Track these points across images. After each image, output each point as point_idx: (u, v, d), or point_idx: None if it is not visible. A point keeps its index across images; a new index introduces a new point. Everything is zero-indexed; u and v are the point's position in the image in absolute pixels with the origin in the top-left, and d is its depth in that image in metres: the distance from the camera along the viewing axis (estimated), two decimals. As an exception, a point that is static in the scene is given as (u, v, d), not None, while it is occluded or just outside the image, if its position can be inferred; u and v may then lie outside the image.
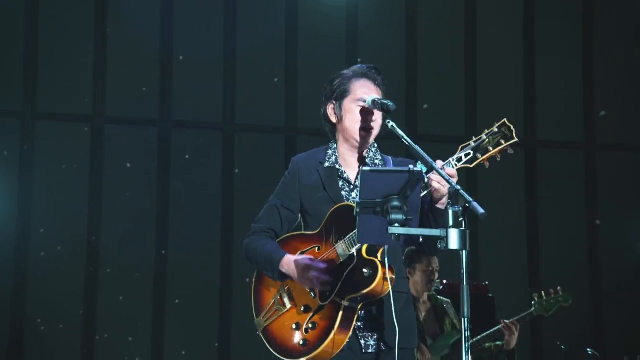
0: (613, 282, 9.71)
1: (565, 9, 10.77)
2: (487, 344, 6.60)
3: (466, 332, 3.66)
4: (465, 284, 3.67)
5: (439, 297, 6.83)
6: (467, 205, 3.68)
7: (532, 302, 6.94)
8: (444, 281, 7.15)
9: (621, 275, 10.18)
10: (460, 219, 3.67)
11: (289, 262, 4.36)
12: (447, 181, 3.88)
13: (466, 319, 3.66)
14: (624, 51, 10.73)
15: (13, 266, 9.04)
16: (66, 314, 9.39)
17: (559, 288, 6.89)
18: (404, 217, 3.75)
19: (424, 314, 6.61)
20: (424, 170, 4.02)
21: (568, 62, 10.61)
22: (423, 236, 4.01)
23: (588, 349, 6.90)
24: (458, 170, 4.13)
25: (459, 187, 3.77)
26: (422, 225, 4.11)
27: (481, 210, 3.64)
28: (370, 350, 4.37)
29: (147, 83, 9.90)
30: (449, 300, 6.93)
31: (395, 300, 4.25)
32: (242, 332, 9.62)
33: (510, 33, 10.67)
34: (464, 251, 3.67)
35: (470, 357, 3.89)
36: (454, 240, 3.67)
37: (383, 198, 3.81)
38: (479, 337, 6.58)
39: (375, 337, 4.38)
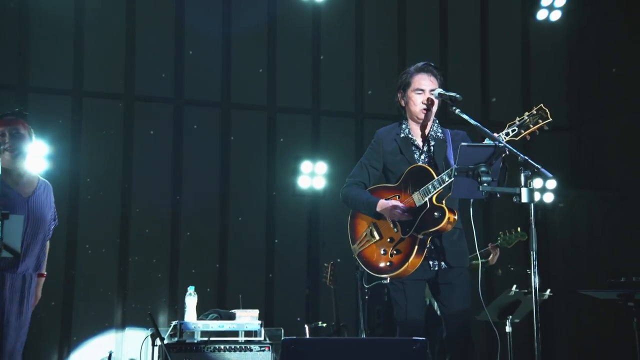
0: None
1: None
2: (474, 261, 6.42)
3: (534, 262, 3.95)
4: (533, 226, 3.95)
5: None
6: (536, 170, 3.95)
7: (498, 237, 7.15)
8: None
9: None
10: (529, 181, 3.97)
11: (382, 204, 4.78)
12: (513, 152, 4.12)
13: (534, 252, 3.95)
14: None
15: (67, 206, 9.57)
16: (107, 241, 10.14)
17: (519, 228, 7.08)
18: (491, 179, 4.11)
19: None
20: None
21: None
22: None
23: (527, 270, 6.52)
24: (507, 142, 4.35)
25: (527, 157, 3.99)
26: None
27: (549, 175, 3.99)
28: (435, 268, 4.80)
29: (165, 71, 10.61)
30: None
31: (452, 233, 4.76)
32: (236, 256, 10.56)
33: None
34: (532, 204, 3.95)
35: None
36: (524, 195, 3.95)
37: (474, 165, 4.16)
38: (472, 255, 6.61)
39: (439, 259, 4.81)
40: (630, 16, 11.01)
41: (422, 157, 4.86)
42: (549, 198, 10.70)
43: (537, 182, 10.45)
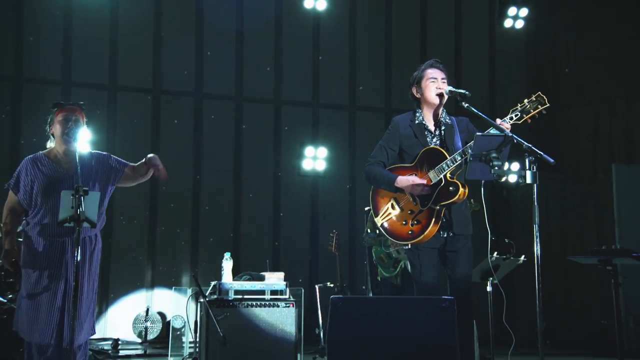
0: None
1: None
2: None
3: (536, 232, 3.98)
4: (536, 204, 3.99)
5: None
6: (539, 156, 4.01)
7: None
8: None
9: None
10: (532, 165, 4.05)
11: (401, 179, 4.83)
12: (519, 140, 4.16)
13: (536, 225, 4.02)
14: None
15: (104, 184, 10.16)
16: (138, 214, 10.78)
17: (472, 200, 6.40)
18: (500, 163, 4.21)
19: None
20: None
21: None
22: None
23: (505, 239, 6.86)
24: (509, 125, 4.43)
25: (530, 145, 4.04)
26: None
27: (551, 160, 4.00)
28: (445, 235, 4.86)
29: (187, 69, 11.19)
30: None
31: (461, 204, 4.85)
32: (247, 227, 11.13)
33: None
34: (535, 184, 4.02)
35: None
36: (528, 177, 4.02)
37: (486, 151, 4.24)
38: None
39: (448, 228, 4.86)
40: (581, 25, 11.70)
41: (435, 140, 4.94)
42: (512, 179, 10.86)
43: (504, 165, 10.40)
